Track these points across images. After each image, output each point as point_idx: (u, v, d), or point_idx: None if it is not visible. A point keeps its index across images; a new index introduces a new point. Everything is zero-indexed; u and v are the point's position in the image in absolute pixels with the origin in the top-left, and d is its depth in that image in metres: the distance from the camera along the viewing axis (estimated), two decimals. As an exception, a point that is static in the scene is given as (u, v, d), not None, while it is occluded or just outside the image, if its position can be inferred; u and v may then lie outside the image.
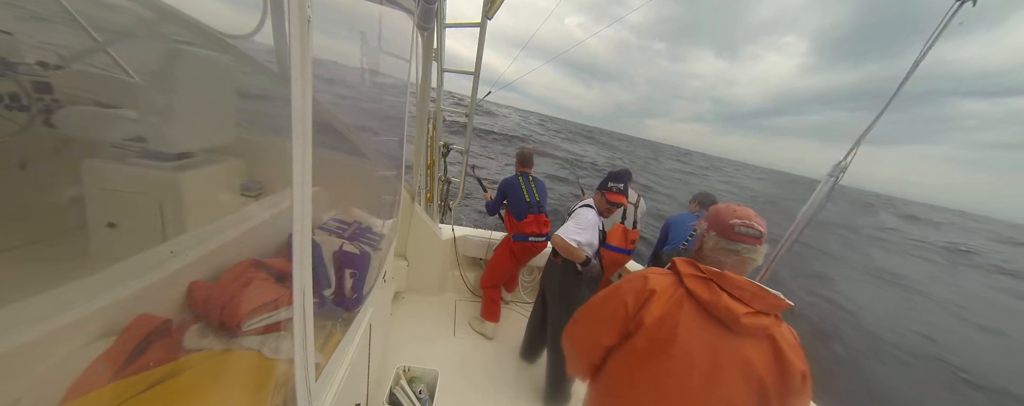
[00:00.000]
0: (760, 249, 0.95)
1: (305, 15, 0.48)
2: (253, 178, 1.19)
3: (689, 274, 0.94)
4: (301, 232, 0.58)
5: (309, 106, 0.53)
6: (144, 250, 0.79)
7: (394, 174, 1.79)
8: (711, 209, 1.05)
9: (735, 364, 0.87)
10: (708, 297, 0.89)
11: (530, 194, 2.69)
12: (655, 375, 0.92)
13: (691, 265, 0.96)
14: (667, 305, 0.92)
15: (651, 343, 0.92)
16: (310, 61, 0.51)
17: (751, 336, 0.87)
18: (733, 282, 0.89)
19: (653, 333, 0.92)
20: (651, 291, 0.94)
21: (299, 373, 0.69)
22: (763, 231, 0.95)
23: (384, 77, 1.38)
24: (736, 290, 0.88)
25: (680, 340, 0.89)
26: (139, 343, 0.66)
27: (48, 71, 0.92)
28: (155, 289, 0.74)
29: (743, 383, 0.87)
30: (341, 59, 0.95)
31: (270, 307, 0.84)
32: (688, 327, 0.89)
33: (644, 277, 0.98)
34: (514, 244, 2.67)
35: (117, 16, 0.92)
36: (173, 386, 0.65)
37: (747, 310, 0.86)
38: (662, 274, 0.99)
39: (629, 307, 0.96)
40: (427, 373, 1.84)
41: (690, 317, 0.90)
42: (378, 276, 1.44)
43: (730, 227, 0.95)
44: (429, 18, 1.86)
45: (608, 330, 1.01)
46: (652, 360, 0.93)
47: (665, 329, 0.91)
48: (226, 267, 0.89)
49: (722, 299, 0.87)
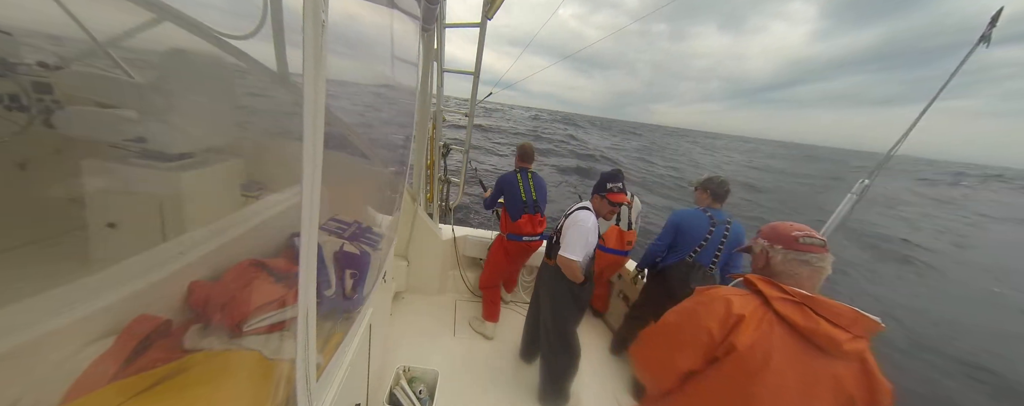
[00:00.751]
0: (828, 257, 0.95)
1: (320, 18, 0.48)
2: (253, 178, 1.19)
3: (777, 297, 0.92)
4: (309, 233, 0.58)
5: (321, 110, 0.52)
6: (144, 250, 0.79)
7: (395, 174, 1.79)
8: (766, 228, 1.05)
9: (827, 385, 0.87)
10: (804, 324, 0.88)
11: (527, 193, 2.63)
12: (746, 400, 0.90)
13: (775, 287, 0.95)
14: (757, 331, 0.91)
15: (742, 369, 0.91)
16: (324, 66, 0.51)
17: (845, 359, 0.87)
18: (830, 309, 0.88)
19: (745, 360, 0.90)
20: (739, 316, 0.92)
21: (300, 373, 0.69)
22: (825, 240, 0.97)
23: (388, 78, 1.38)
24: (834, 317, 0.87)
25: (773, 365, 0.88)
26: (139, 343, 0.66)
27: (48, 71, 0.92)
28: (155, 289, 0.74)
29: (833, 402, 0.87)
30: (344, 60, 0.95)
31: (270, 307, 0.84)
32: (782, 352, 0.88)
33: (727, 301, 0.96)
34: (507, 243, 2.66)
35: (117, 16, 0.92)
36: (173, 386, 0.65)
37: (848, 337, 0.85)
38: (743, 296, 0.97)
39: (714, 334, 0.94)
40: (427, 373, 1.84)
41: (783, 342, 0.89)
42: (378, 276, 1.44)
43: (794, 239, 0.97)
44: (430, 19, 1.86)
45: (689, 356, 0.98)
46: (744, 386, 0.91)
47: (758, 355, 0.89)
48: (226, 267, 0.89)
49: (822, 326, 0.86)
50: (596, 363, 2.54)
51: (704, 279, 2.05)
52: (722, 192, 2.19)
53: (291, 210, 1.09)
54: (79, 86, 1.00)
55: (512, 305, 3.15)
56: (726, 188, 2.21)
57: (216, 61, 1.06)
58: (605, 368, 2.53)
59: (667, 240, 2.25)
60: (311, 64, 0.49)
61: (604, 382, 2.40)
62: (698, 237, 2.12)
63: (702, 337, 0.95)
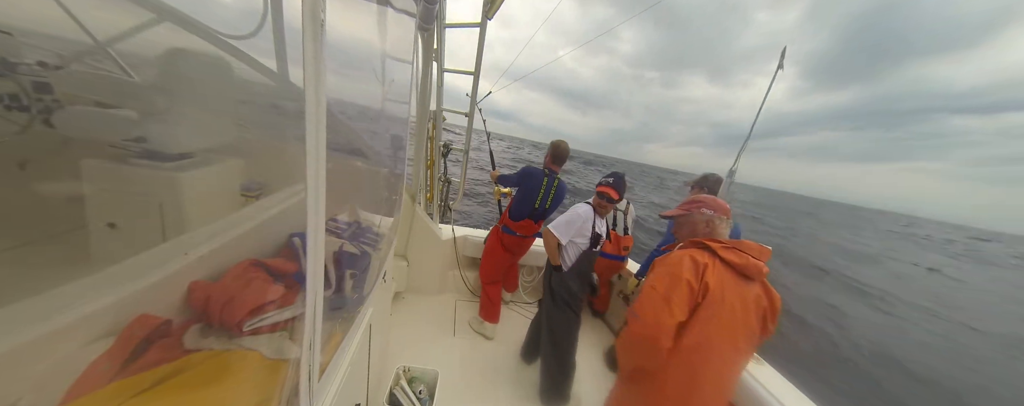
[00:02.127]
0: (726, 219, 1.37)
1: (319, 17, 0.48)
2: (253, 178, 1.19)
3: (721, 247, 1.24)
4: (314, 233, 0.58)
5: (322, 110, 0.53)
6: (144, 250, 0.79)
7: (395, 174, 1.79)
8: (709, 202, 1.39)
9: (754, 303, 1.22)
10: (740, 261, 1.20)
11: (543, 201, 2.54)
12: (717, 330, 1.18)
13: (715, 242, 1.27)
14: (715, 273, 1.19)
15: (712, 306, 1.18)
16: (324, 65, 0.51)
17: (758, 280, 1.23)
18: (748, 246, 1.24)
19: (713, 297, 1.18)
20: (704, 265, 1.20)
21: (304, 373, 0.69)
22: (723, 206, 1.38)
23: (386, 77, 1.38)
24: (752, 251, 1.23)
25: (727, 298, 1.18)
26: (139, 343, 0.66)
27: (48, 71, 0.92)
28: (155, 289, 0.74)
29: (756, 315, 1.22)
30: (343, 60, 0.95)
31: (271, 307, 0.84)
32: (730, 287, 1.19)
33: (690, 257, 1.23)
34: (503, 235, 2.66)
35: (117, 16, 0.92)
36: (173, 386, 0.65)
37: (762, 265, 1.22)
38: (695, 251, 1.26)
39: (693, 283, 1.19)
40: (427, 373, 1.84)
41: (729, 278, 1.20)
42: (378, 276, 1.44)
43: (729, 210, 1.36)
44: (430, 19, 1.86)
45: (681, 308, 1.20)
46: (713, 320, 1.18)
47: (717, 292, 1.18)
48: (226, 267, 0.89)
49: (750, 260, 1.21)
50: (596, 363, 2.54)
51: None
52: (717, 190, 2.23)
53: (291, 210, 1.09)
54: (79, 86, 1.00)
55: (512, 305, 3.15)
56: (720, 185, 2.24)
57: (216, 61, 1.06)
58: (605, 368, 2.53)
59: (671, 241, 2.29)
60: (311, 64, 0.49)
61: (604, 382, 2.40)
62: None
63: (684, 289, 1.19)
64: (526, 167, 2.59)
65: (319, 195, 0.57)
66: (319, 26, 0.49)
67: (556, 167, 2.54)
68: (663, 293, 1.21)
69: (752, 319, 1.21)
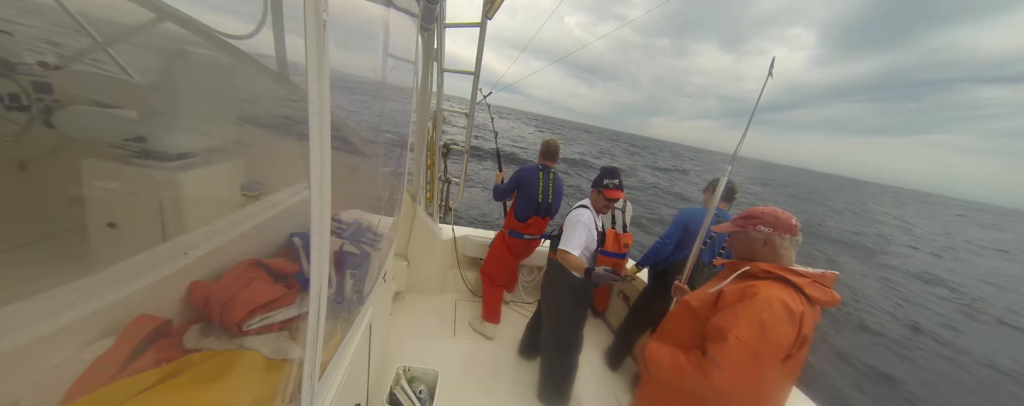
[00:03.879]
0: (790, 238, 1.16)
1: (321, 18, 0.48)
2: (253, 178, 1.19)
3: (806, 283, 1.08)
4: (320, 232, 0.58)
5: (327, 111, 0.52)
6: (144, 250, 0.79)
7: (395, 174, 1.79)
8: (767, 217, 1.18)
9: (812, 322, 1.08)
10: (824, 298, 1.07)
11: (544, 195, 2.55)
12: (792, 370, 1.11)
13: (797, 274, 1.09)
14: (809, 321, 1.05)
15: (801, 349, 1.08)
16: (327, 66, 0.51)
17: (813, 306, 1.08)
18: (828, 279, 1.09)
19: (804, 343, 1.08)
20: (800, 313, 1.04)
21: (306, 372, 0.69)
22: (780, 223, 1.17)
23: (387, 78, 1.38)
24: (830, 283, 1.09)
25: (806, 335, 1.06)
26: (139, 343, 0.66)
27: (48, 71, 0.92)
28: (155, 289, 0.74)
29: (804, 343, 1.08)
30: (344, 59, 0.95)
31: (270, 307, 0.84)
32: (810, 325, 1.06)
33: (784, 304, 1.04)
34: (509, 239, 2.65)
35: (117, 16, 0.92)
36: (173, 386, 0.65)
37: (817, 294, 1.07)
38: (784, 290, 1.08)
39: (792, 338, 1.04)
40: (427, 373, 1.84)
41: (813, 317, 1.07)
42: (378, 276, 1.44)
43: (796, 227, 1.15)
44: (430, 18, 1.86)
45: (773, 370, 1.07)
46: (790, 361, 1.08)
47: (805, 333, 1.06)
48: (226, 267, 0.89)
49: (833, 296, 1.07)
50: (596, 363, 2.54)
51: (708, 278, 2.07)
52: (729, 193, 2.26)
53: (291, 210, 1.09)
54: (79, 86, 1.00)
55: (512, 305, 3.15)
56: (733, 189, 2.29)
57: (216, 61, 1.06)
58: (605, 368, 2.53)
59: (676, 237, 2.28)
60: (314, 64, 0.49)
61: (604, 382, 2.40)
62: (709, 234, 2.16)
63: (784, 344, 1.04)
64: (518, 170, 2.65)
65: (324, 195, 0.57)
66: (322, 27, 0.49)
67: (549, 162, 2.61)
68: (754, 349, 1.02)
69: (807, 347, 1.11)
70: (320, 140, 0.53)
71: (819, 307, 1.10)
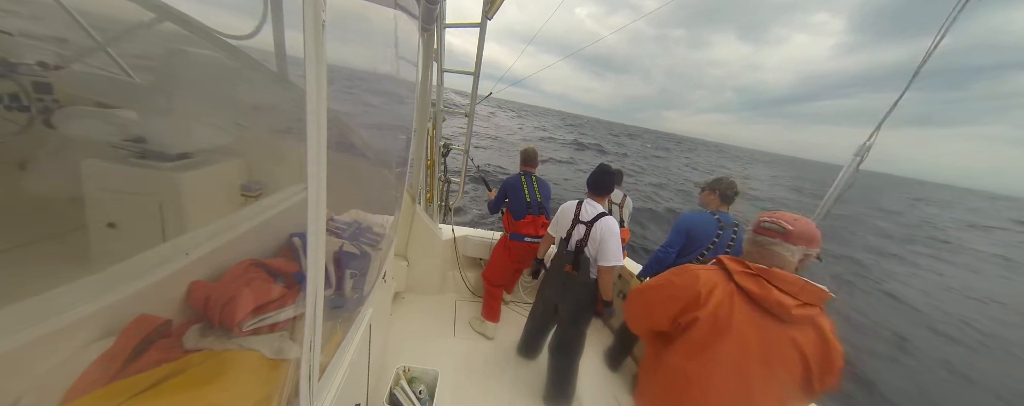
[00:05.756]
0: (784, 244, 1.03)
1: (320, 19, 0.48)
2: (253, 178, 1.19)
3: (738, 271, 1.05)
4: (316, 232, 0.58)
5: (324, 109, 0.53)
6: (144, 250, 0.79)
7: (395, 174, 1.79)
8: (796, 234, 1.05)
9: (785, 347, 0.98)
10: (759, 292, 1.00)
11: (531, 194, 2.67)
12: (712, 360, 1.03)
13: (739, 263, 1.07)
14: (719, 298, 1.04)
15: (707, 334, 1.04)
16: (325, 66, 0.51)
17: (799, 324, 0.98)
18: (782, 278, 0.99)
19: (709, 325, 1.03)
20: (707, 287, 1.05)
21: (304, 372, 0.69)
22: (790, 229, 1.03)
23: (387, 77, 1.38)
24: (785, 285, 0.98)
25: (734, 330, 1.00)
26: (139, 343, 0.66)
27: (48, 71, 0.92)
28: (155, 289, 0.74)
29: (792, 362, 0.98)
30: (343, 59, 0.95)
31: (270, 307, 0.84)
32: (741, 318, 1.01)
33: (695, 275, 1.09)
34: (511, 243, 2.67)
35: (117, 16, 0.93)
36: (173, 386, 0.65)
37: (796, 303, 0.97)
38: (709, 270, 1.10)
39: (683, 303, 1.08)
40: (427, 373, 1.84)
41: (742, 310, 1.01)
42: (378, 276, 1.44)
43: (758, 223, 1.09)
44: (430, 19, 1.86)
45: (660, 318, 1.15)
46: (708, 348, 1.04)
47: (720, 320, 1.02)
48: (226, 267, 0.89)
49: (772, 293, 0.98)
50: (596, 363, 2.54)
51: None
52: (730, 194, 2.14)
53: (291, 210, 1.09)
54: (79, 86, 1.00)
55: (512, 305, 3.15)
56: (735, 190, 2.15)
57: (216, 61, 1.06)
58: (605, 368, 2.53)
59: (677, 245, 2.17)
60: (313, 64, 0.49)
61: (604, 382, 2.40)
62: (706, 240, 2.08)
63: (671, 306, 1.11)
64: (503, 181, 2.81)
65: (320, 195, 0.57)
66: (320, 27, 0.49)
67: (529, 168, 2.80)
68: (647, 298, 1.21)
69: (776, 364, 0.99)
70: (317, 139, 0.53)
71: (765, 309, 1.00)
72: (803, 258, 1.04)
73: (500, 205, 2.80)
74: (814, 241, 1.03)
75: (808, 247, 1.03)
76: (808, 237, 1.02)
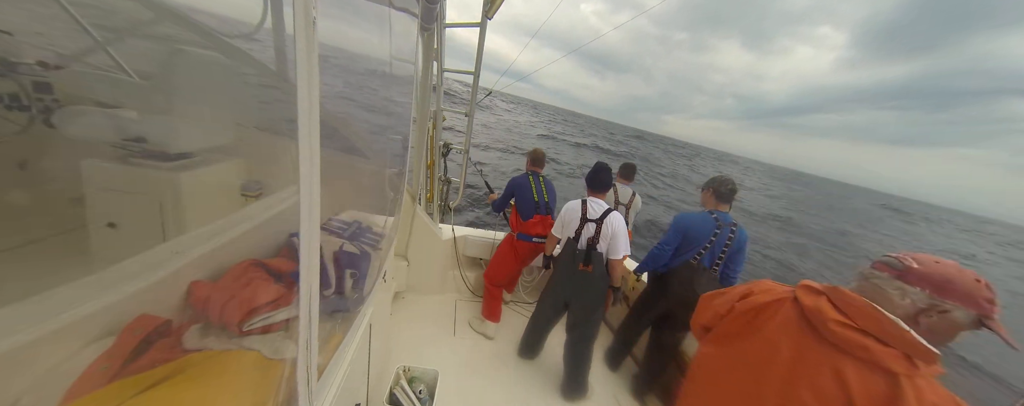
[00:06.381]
0: (895, 282, 0.81)
1: (310, 16, 0.48)
2: (253, 178, 1.19)
3: (804, 285, 0.93)
4: (309, 233, 0.58)
5: (316, 108, 0.52)
6: (144, 250, 0.79)
7: (395, 174, 1.79)
8: (937, 280, 0.81)
9: (822, 372, 0.80)
10: (808, 302, 0.87)
11: (539, 194, 2.69)
12: (734, 356, 0.96)
13: (813, 283, 0.94)
14: (767, 301, 0.95)
15: (740, 327, 0.97)
16: (317, 64, 0.51)
17: (852, 356, 0.79)
18: (845, 296, 0.84)
19: (744, 320, 0.96)
20: (762, 289, 1.00)
21: (301, 373, 0.69)
22: (912, 266, 0.81)
23: (386, 76, 1.38)
24: (844, 304, 0.82)
25: (768, 333, 0.90)
26: (139, 343, 0.66)
27: (48, 71, 0.92)
28: (155, 289, 0.74)
29: (826, 395, 0.79)
30: (342, 58, 0.95)
31: (270, 307, 0.84)
32: (779, 323, 0.90)
33: (767, 285, 1.02)
34: (517, 242, 2.67)
35: (117, 16, 0.93)
36: (173, 386, 0.65)
37: (839, 317, 0.81)
38: (785, 287, 1.00)
39: (733, 299, 1.02)
40: (427, 373, 1.84)
41: (785, 316, 0.90)
42: (378, 276, 1.44)
43: (878, 258, 0.89)
44: (430, 18, 1.86)
45: (709, 315, 1.10)
46: (736, 342, 0.96)
47: (758, 320, 0.94)
48: (226, 267, 0.89)
49: (820, 303, 0.84)
50: (596, 363, 2.54)
51: (709, 282, 2.03)
52: (727, 193, 2.12)
53: (291, 210, 1.09)
54: (79, 86, 1.00)
55: (512, 305, 3.15)
56: (732, 189, 2.13)
57: (216, 61, 1.06)
58: (605, 368, 2.53)
59: (674, 244, 2.16)
60: (304, 63, 0.49)
61: (604, 382, 2.40)
62: (703, 239, 2.07)
63: (723, 305, 1.04)
64: (509, 181, 2.84)
65: (313, 194, 0.57)
66: (311, 24, 0.48)
67: (536, 168, 2.83)
68: (712, 297, 1.14)
69: (803, 387, 0.82)
70: (309, 138, 0.53)
71: (811, 323, 0.87)
72: (928, 309, 0.76)
73: (506, 203, 2.82)
74: (954, 293, 0.74)
75: (940, 297, 0.75)
76: (939, 284, 0.76)
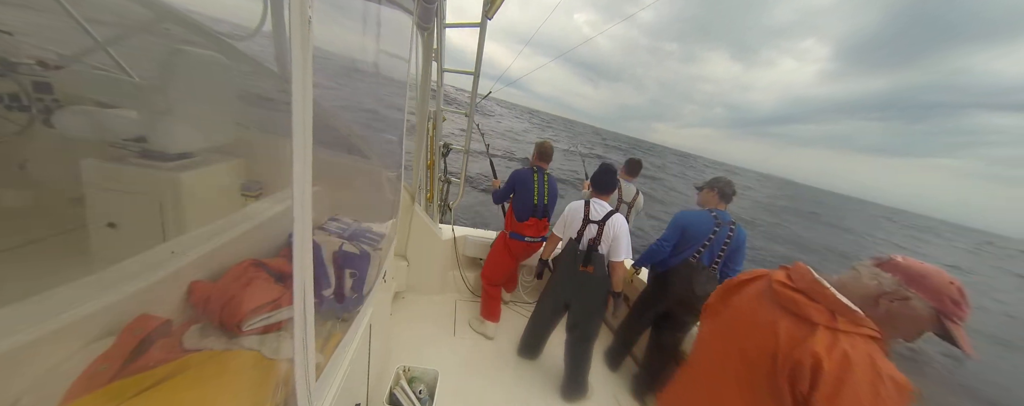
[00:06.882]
0: (868, 267, 0.88)
1: (306, 15, 0.48)
2: (253, 178, 1.19)
3: (782, 266, 1.02)
4: (301, 232, 0.58)
5: (309, 106, 0.52)
6: (144, 250, 0.79)
7: (394, 174, 1.79)
8: (931, 286, 0.82)
9: (766, 326, 0.89)
10: (775, 275, 0.98)
11: (540, 195, 2.59)
12: (717, 325, 1.08)
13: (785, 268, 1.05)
14: (750, 276, 1.07)
15: (724, 301, 1.09)
16: (311, 62, 0.51)
17: (788, 311, 0.87)
18: (800, 268, 0.95)
19: (728, 293, 1.09)
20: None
21: (300, 373, 0.69)
22: (893, 260, 0.86)
23: (383, 77, 1.38)
24: (797, 274, 0.93)
25: (742, 299, 1.03)
26: (139, 343, 0.66)
27: (48, 71, 0.92)
28: (155, 289, 0.74)
29: (764, 348, 0.87)
30: (340, 58, 0.95)
31: (270, 307, 0.84)
32: (753, 292, 1.01)
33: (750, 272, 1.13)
34: (510, 241, 2.65)
35: (117, 16, 0.93)
36: (173, 386, 0.65)
37: (784, 280, 0.92)
38: None
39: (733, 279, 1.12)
40: (427, 373, 1.84)
41: (758, 287, 1.01)
42: (378, 276, 1.44)
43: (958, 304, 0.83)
44: (429, 18, 1.86)
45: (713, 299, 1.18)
46: (720, 313, 1.09)
47: (739, 293, 1.06)
48: (226, 267, 0.89)
49: (780, 273, 0.97)
50: (596, 363, 2.54)
51: (708, 281, 2.03)
52: (728, 192, 2.15)
53: (291, 210, 1.09)
54: (79, 86, 1.00)
55: (512, 305, 3.15)
56: (732, 189, 2.16)
57: (216, 61, 1.06)
58: (605, 368, 2.53)
59: (672, 240, 2.18)
60: (299, 63, 0.49)
61: (604, 382, 2.40)
62: (702, 237, 2.08)
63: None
64: (513, 173, 2.69)
65: (305, 193, 0.57)
66: (306, 23, 0.48)
67: (543, 164, 2.67)
68: None
69: (750, 343, 0.91)
70: (303, 137, 0.53)
71: None
72: (891, 293, 0.80)
73: (506, 197, 2.73)
74: (922, 285, 0.78)
75: (906, 286, 0.79)
76: (912, 276, 0.80)
